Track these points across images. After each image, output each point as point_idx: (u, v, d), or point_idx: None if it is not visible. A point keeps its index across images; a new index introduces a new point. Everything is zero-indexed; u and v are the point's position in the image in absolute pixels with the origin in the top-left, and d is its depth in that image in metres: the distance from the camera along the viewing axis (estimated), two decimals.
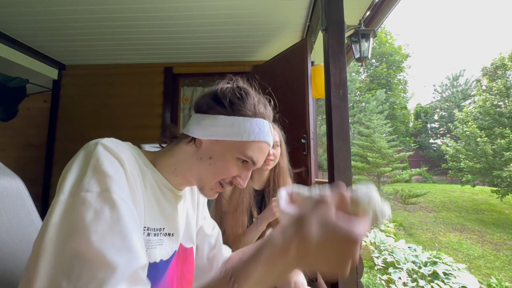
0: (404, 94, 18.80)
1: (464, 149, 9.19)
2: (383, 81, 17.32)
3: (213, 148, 0.53)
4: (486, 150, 8.21)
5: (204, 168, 0.53)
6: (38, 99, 2.94)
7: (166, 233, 0.54)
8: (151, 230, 0.50)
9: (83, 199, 0.36)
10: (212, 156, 0.52)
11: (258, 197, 1.17)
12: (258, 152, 0.54)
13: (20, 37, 2.36)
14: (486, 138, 8.52)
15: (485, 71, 11.80)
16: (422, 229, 6.65)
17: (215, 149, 0.53)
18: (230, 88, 0.55)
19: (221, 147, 0.52)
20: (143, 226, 0.47)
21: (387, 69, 17.57)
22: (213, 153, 0.52)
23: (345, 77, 1.39)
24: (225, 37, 2.36)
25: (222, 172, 0.53)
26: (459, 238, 6.05)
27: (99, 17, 2.04)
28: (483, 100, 9.96)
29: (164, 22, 2.11)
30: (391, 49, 18.06)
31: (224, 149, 0.52)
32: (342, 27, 1.43)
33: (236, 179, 0.55)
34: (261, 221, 1.01)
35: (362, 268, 1.27)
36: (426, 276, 3.24)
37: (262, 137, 0.53)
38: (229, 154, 0.52)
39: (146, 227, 0.49)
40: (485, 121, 9.51)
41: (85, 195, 0.36)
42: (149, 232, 0.49)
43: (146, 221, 0.49)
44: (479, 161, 8.53)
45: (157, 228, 0.52)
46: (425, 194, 8.03)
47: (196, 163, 0.53)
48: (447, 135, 16.52)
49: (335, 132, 1.34)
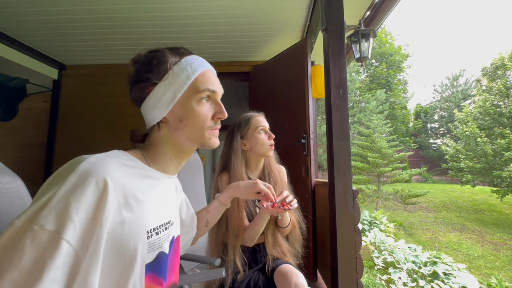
0: (404, 94, 18.78)
1: (464, 149, 9.19)
2: (383, 81, 17.31)
3: (175, 113, 0.55)
4: (486, 150, 8.21)
5: (186, 131, 0.55)
6: (38, 99, 2.94)
7: (172, 223, 0.59)
8: (159, 228, 0.53)
9: (34, 234, 0.36)
10: (182, 118, 0.55)
11: None
12: (207, 81, 0.57)
13: (20, 37, 2.36)
14: (486, 138, 8.52)
15: (485, 71, 11.79)
16: (422, 229, 6.65)
17: (177, 111, 0.55)
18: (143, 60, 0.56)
19: (180, 106, 0.55)
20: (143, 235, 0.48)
21: (387, 69, 17.55)
22: (180, 116, 0.55)
23: (345, 77, 1.39)
24: (225, 37, 2.36)
25: (199, 120, 0.55)
26: (459, 238, 6.05)
27: (99, 17, 2.04)
28: (483, 100, 9.95)
29: (164, 22, 2.11)
30: (391, 49, 18.04)
31: (182, 105, 0.55)
32: (342, 27, 1.43)
33: (216, 116, 0.58)
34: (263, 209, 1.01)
35: (362, 268, 1.27)
36: (426, 276, 3.24)
37: (199, 69, 0.56)
38: (189, 104, 0.55)
39: (155, 227, 0.52)
40: (485, 121, 9.50)
41: (37, 230, 0.36)
42: (157, 231, 0.52)
43: (153, 222, 0.51)
44: (479, 161, 8.53)
45: (165, 223, 0.56)
46: (425, 194, 8.03)
47: (177, 135, 0.56)
48: (447, 135, 16.52)
49: (335, 132, 1.34)
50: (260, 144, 1.11)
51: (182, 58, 0.56)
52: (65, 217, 0.37)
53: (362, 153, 8.87)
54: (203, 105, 0.56)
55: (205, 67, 0.58)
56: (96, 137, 2.81)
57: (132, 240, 0.46)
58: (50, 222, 0.37)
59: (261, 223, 0.99)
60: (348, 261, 1.25)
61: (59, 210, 0.38)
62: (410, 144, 15.88)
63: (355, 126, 11.61)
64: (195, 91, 0.55)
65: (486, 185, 9.45)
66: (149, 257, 0.51)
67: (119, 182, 0.45)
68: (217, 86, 0.58)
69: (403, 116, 16.82)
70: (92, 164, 0.43)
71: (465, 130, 9.22)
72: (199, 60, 0.58)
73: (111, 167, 0.45)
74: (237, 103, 4.43)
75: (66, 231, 0.37)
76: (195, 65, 0.56)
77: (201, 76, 0.56)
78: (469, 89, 17.43)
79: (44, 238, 0.36)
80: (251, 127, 1.14)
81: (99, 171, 0.43)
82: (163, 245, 0.54)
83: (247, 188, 0.87)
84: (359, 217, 1.30)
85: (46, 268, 0.35)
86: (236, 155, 1.11)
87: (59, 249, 0.36)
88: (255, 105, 2.57)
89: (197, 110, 0.55)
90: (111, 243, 0.44)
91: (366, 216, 5.67)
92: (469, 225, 6.88)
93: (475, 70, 34.22)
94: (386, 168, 8.22)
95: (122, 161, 0.49)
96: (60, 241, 0.37)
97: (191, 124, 0.55)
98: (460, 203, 8.57)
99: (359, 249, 1.27)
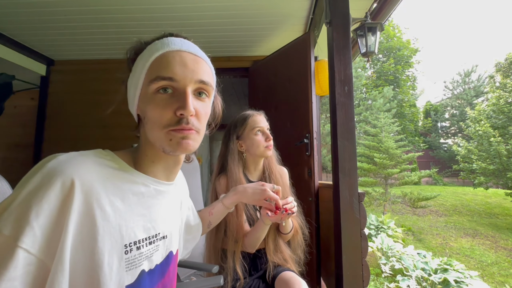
0: (413, 91, 18.79)
1: (477, 149, 9.18)
2: (391, 77, 17.31)
3: (140, 108, 0.51)
4: (500, 150, 8.20)
5: (148, 130, 0.50)
6: (25, 97, 2.94)
7: (162, 236, 0.54)
8: (141, 242, 0.48)
9: None
10: (144, 114, 0.50)
11: None
12: (164, 66, 0.47)
13: (6, 31, 2.35)
14: (500, 138, 8.50)
15: (499, 66, 11.79)
16: (432, 234, 6.65)
17: (140, 106, 0.51)
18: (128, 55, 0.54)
19: (141, 100, 0.50)
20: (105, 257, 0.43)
21: (395, 64, 17.55)
22: (142, 111, 0.50)
23: (350, 73, 1.39)
24: (223, 30, 2.36)
25: (155, 116, 0.48)
26: (471, 244, 6.05)
27: (90, 9, 2.04)
28: (496, 97, 9.94)
29: (158, 15, 2.11)
30: (399, 43, 18.05)
31: (141, 99, 0.50)
32: (347, 20, 1.43)
33: (178, 111, 0.47)
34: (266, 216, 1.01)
35: (368, 276, 1.27)
36: (436, 284, 3.24)
37: (156, 53, 0.48)
38: (146, 97, 0.49)
39: (133, 241, 0.47)
40: (499, 120, 9.49)
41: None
42: (138, 246, 0.48)
43: (134, 235, 0.47)
44: (493, 162, 8.52)
45: (151, 236, 0.51)
46: (435, 197, 8.03)
47: (147, 133, 0.51)
48: (459, 135, 16.52)
49: (340, 132, 1.34)
50: (256, 145, 1.11)
51: (148, 45, 0.50)
52: (23, 222, 0.35)
53: (369, 154, 8.87)
54: (159, 97, 0.47)
55: (169, 48, 0.48)
56: (86, 137, 2.81)
57: (107, 254, 0.42)
58: (8, 226, 0.35)
59: (263, 229, 0.99)
60: (353, 268, 1.25)
61: (18, 214, 0.36)
62: (420, 144, 15.87)
63: (361, 125, 11.61)
64: (147, 80, 0.48)
65: (500, 187, 9.44)
66: (129, 277, 0.46)
67: (90, 184, 0.41)
68: (178, 71, 0.47)
69: (412, 114, 16.82)
70: (60, 162, 0.40)
71: (478, 129, 9.21)
72: (166, 41, 0.49)
73: (82, 166, 0.42)
74: (236, 100, 4.43)
75: (23, 238, 0.35)
76: (153, 49, 0.48)
77: (157, 60, 0.48)
78: (482, 85, 17.42)
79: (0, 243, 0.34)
80: (247, 128, 1.13)
81: (67, 170, 0.40)
82: (143, 262, 0.49)
83: (254, 195, 0.86)
84: (365, 222, 1.30)
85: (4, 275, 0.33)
86: (232, 157, 1.11)
87: (14, 257, 0.34)
88: (255, 103, 2.57)
89: (152, 103, 0.48)
90: (81, 255, 0.40)
91: (373, 220, 5.67)
92: (482, 230, 6.88)
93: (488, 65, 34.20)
94: (394, 169, 8.22)
95: (101, 161, 0.46)
96: (15, 248, 0.34)
97: (150, 121, 0.48)
98: (473, 207, 8.57)
99: (365, 256, 1.27)
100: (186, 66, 0.48)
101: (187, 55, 0.49)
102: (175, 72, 0.47)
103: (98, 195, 0.42)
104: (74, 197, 0.39)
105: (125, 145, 0.56)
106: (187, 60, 0.49)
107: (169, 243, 0.58)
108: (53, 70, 2.92)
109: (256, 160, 1.16)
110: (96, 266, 0.41)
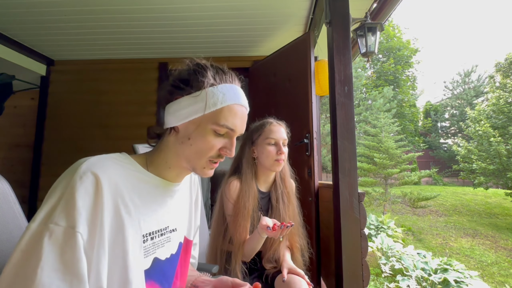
0: (413, 91, 18.78)
1: (477, 149, 9.18)
2: (391, 77, 17.30)
3: (188, 129, 0.57)
4: (500, 150, 8.19)
5: (188, 150, 0.57)
6: (25, 97, 2.94)
7: (171, 229, 0.62)
8: (155, 233, 0.57)
9: (50, 232, 0.41)
10: (190, 137, 0.57)
11: (265, 199, 1.17)
12: (232, 117, 0.57)
13: (6, 31, 2.36)
14: (500, 138, 8.50)
15: (498, 66, 11.77)
16: (432, 234, 6.65)
17: (190, 129, 0.57)
18: (186, 69, 0.60)
19: (194, 125, 0.57)
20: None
21: (394, 64, 17.54)
22: (190, 134, 0.57)
23: (350, 73, 1.39)
24: (223, 30, 2.36)
25: (204, 147, 0.57)
26: (471, 244, 6.05)
27: (91, 9, 2.04)
28: (496, 97, 9.93)
29: (159, 15, 2.11)
30: (399, 43, 18.04)
31: (197, 126, 0.57)
32: (347, 20, 1.43)
33: (223, 150, 0.58)
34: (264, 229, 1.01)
35: (368, 276, 1.27)
36: (436, 284, 3.24)
37: (229, 101, 0.57)
38: (203, 129, 0.56)
39: (148, 232, 0.55)
40: (499, 120, 9.49)
41: (53, 228, 0.42)
42: (152, 236, 0.56)
43: (149, 227, 0.55)
44: (493, 162, 8.51)
45: (162, 229, 0.59)
46: (435, 197, 8.02)
47: (180, 148, 0.58)
48: (459, 135, 16.51)
49: (340, 132, 1.34)
50: (266, 156, 1.08)
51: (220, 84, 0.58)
52: (75, 213, 0.43)
53: (369, 154, 8.86)
54: (216, 136, 0.57)
55: (237, 101, 0.58)
56: (86, 137, 2.81)
57: (131, 243, 0.50)
58: (63, 219, 0.42)
59: (258, 240, 0.98)
60: (353, 268, 1.25)
61: (69, 207, 0.43)
62: (419, 144, 15.86)
63: (361, 125, 11.60)
64: (214, 121, 0.56)
65: (500, 187, 9.43)
66: (146, 263, 0.54)
67: (115, 182, 0.49)
68: (238, 126, 0.59)
69: (412, 114, 16.81)
70: (92, 164, 0.48)
71: (478, 129, 9.20)
72: (235, 92, 0.59)
73: (109, 168, 0.50)
74: None
75: (78, 225, 0.43)
76: (227, 96, 0.57)
77: (228, 109, 0.57)
78: (481, 86, 17.41)
79: (61, 235, 0.41)
80: (262, 135, 1.11)
81: (99, 170, 0.48)
82: (156, 251, 0.57)
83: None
84: (365, 222, 1.30)
85: (70, 263, 0.41)
86: (247, 161, 1.10)
87: (76, 241, 0.42)
88: (255, 103, 2.57)
89: (208, 138, 0.57)
90: (113, 243, 0.48)
91: (373, 220, 5.67)
92: (482, 230, 6.88)
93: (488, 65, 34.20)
94: (394, 169, 8.21)
95: (121, 163, 0.54)
96: (75, 234, 0.42)
97: (195, 147, 0.57)
98: (473, 207, 8.57)
99: (365, 256, 1.27)
100: (242, 122, 0.60)
101: (244, 111, 0.61)
102: (236, 125, 0.58)
103: (122, 192, 0.50)
104: (104, 194, 0.47)
105: (125, 145, 0.58)
106: (243, 116, 0.61)
107: (180, 235, 0.65)
108: (53, 70, 2.93)
109: (266, 171, 1.13)
110: (124, 253, 0.49)
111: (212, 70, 0.58)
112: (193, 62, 0.60)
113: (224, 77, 0.59)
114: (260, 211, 1.12)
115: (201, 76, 0.57)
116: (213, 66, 0.60)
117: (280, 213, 1.11)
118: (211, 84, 0.57)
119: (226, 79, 0.59)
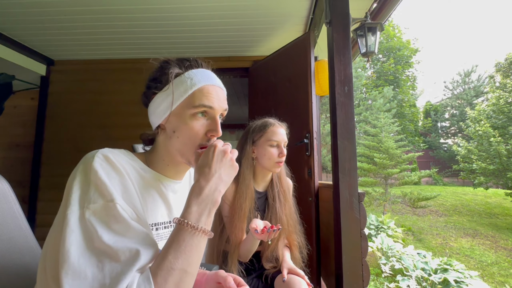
0: (413, 91, 18.79)
1: (477, 149, 9.18)
2: (391, 77, 17.31)
3: (171, 123, 0.60)
4: (500, 150, 8.19)
5: (177, 143, 0.59)
6: (25, 97, 2.94)
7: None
8: (159, 224, 0.61)
9: (93, 210, 0.44)
10: (175, 129, 0.59)
11: (262, 198, 1.17)
12: (205, 96, 0.59)
13: (6, 31, 2.35)
14: (500, 138, 8.50)
15: (498, 66, 11.78)
16: (432, 234, 6.65)
17: (173, 122, 0.59)
18: (154, 69, 0.63)
19: (175, 117, 0.59)
20: (147, 222, 0.54)
21: (394, 64, 17.55)
22: (174, 127, 0.59)
23: (350, 73, 1.39)
24: (223, 30, 2.36)
25: (190, 135, 0.58)
26: (471, 244, 6.05)
27: (90, 9, 2.04)
28: (496, 97, 9.94)
29: (159, 15, 2.11)
30: (399, 43, 18.04)
31: (178, 117, 0.59)
32: (347, 20, 1.43)
33: (210, 133, 0.60)
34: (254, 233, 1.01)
35: (368, 276, 1.27)
36: (436, 284, 3.24)
37: (199, 84, 0.59)
38: (183, 117, 0.59)
39: (154, 223, 0.59)
40: (499, 120, 9.49)
41: (94, 207, 0.45)
42: (157, 227, 0.60)
43: (154, 218, 0.59)
44: (493, 162, 8.51)
45: (166, 221, 0.63)
46: (435, 197, 8.02)
47: (170, 144, 0.60)
48: (459, 135, 16.51)
49: (340, 132, 1.34)
50: (267, 157, 1.08)
51: (186, 71, 0.60)
52: (108, 188, 0.46)
53: (369, 154, 8.87)
54: (197, 120, 0.59)
55: (208, 82, 0.60)
56: (86, 137, 2.81)
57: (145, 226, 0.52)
58: (100, 197, 0.46)
59: (253, 241, 0.98)
60: (353, 268, 1.25)
61: (100, 187, 0.46)
62: (420, 144, 15.87)
63: (361, 125, 11.61)
64: (190, 105, 0.58)
65: (500, 187, 9.43)
66: None
67: (124, 167, 0.53)
68: (215, 102, 0.60)
69: (412, 114, 16.82)
70: (102, 151, 0.52)
71: (478, 129, 9.20)
72: (204, 74, 0.61)
73: (118, 155, 0.54)
74: (235, 100, 4.43)
75: (115, 198, 0.46)
76: (196, 78, 0.59)
77: (199, 90, 0.59)
78: (482, 86, 17.42)
79: (103, 211, 0.45)
80: (264, 136, 1.11)
81: (109, 154, 0.52)
82: (159, 242, 0.59)
83: None
84: (365, 222, 1.30)
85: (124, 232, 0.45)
86: (246, 161, 1.09)
87: (120, 212, 0.45)
88: (254, 103, 2.57)
89: (190, 124, 0.58)
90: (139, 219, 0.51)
91: (373, 220, 5.67)
92: (482, 230, 6.88)
93: (488, 65, 34.23)
94: (394, 169, 8.22)
95: (126, 157, 0.57)
96: (116, 206, 0.45)
97: (182, 137, 0.59)
98: (473, 207, 8.57)
99: (365, 256, 1.27)
100: (219, 99, 0.62)
101: (219, 90, 0.63)
102: (213, 102, 0.60)
103: (132, 181, 0.53)
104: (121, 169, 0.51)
105: (124, 145, 0.61)
106: (219, 94, 0.62)
107: None
108: (53, 70, 2.92)
109: (264, 171, 1.13)
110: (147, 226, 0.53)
111: (175, 61, 0.61)
112: (158, 61, 0.64)
113: (189, 64, 0.61)
114: (257, 211, 1.12)
115: (164, 71, 0.60)
116: (177, 59, 0.62)
117: (276, 212, 1.11)
118: (177, 74, 0.59)
119: (192, 65, 0.61)
